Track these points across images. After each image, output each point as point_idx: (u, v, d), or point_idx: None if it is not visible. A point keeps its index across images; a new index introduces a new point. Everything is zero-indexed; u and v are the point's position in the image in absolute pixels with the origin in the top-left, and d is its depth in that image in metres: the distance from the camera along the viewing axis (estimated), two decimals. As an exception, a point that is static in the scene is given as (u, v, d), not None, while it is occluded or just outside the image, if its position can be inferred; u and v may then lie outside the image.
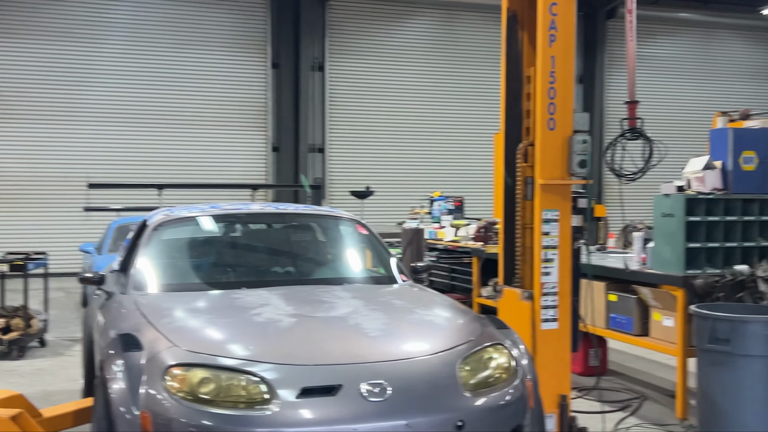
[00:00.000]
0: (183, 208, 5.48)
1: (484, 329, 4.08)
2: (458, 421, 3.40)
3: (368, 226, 5.53)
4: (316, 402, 3.34)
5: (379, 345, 3.77)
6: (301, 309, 4.16)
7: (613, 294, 6.78)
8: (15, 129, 16.45)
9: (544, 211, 5.35)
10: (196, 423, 3.24)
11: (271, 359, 3.50)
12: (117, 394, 3.44)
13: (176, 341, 3.63)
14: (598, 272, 6.29)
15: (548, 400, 5.30)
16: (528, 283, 5.46)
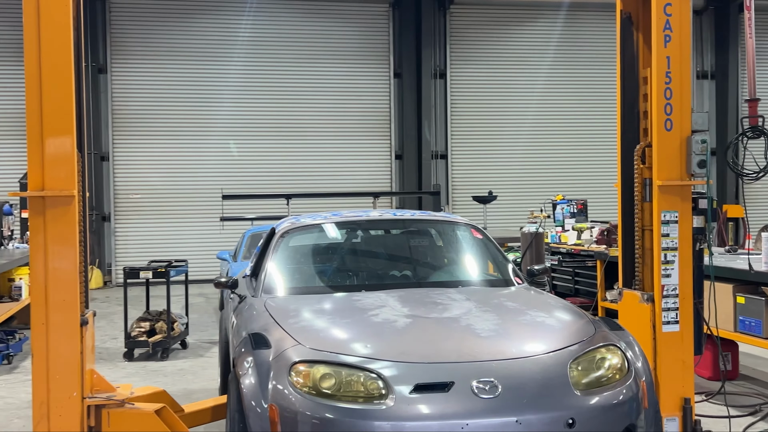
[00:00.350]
0: (307, 216, 5.79)
1: (597, 330, 4.13)
2: (569, 419, 3.49)
3: (483, 231, 5.66)
4: (429, 397, 3.51)
5: (490, 344, 3.90)
6: (416, 310, 4.35)
7: (741, 296, 6.63)
8: (157, 145, 17.46)
9: (663, 213, 5.33)
10: (318, 415, 3.47)
11: (387, 357, 3.70)
12: (248, 388, 3.72)
13: (301, 340, 3.89)
14: (721, 274, 6.17)
15: (671, 402, 5.28)
16: (648, 285, 5.44)
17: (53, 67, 4.59)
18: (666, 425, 5.29)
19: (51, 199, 4.60)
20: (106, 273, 17.20)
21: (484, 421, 3.44)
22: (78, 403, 4.64)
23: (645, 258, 5.49)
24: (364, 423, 3.41)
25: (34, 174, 4.60)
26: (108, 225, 17.38)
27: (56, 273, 4.60)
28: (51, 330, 4.60)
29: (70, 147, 4.63)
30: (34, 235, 4.62)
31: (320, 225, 5.62)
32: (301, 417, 3.49)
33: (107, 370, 8.39)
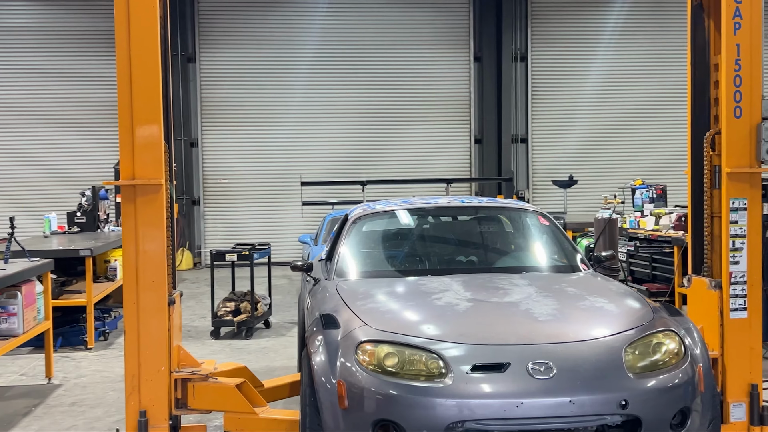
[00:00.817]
0: (379, 203, 6.02)
1: (655, 316, 4.24)
2: (622, 400, 3.63)
3: (550, 217, 5.79)
4: (485, 377, 3.71)
5: (547, 328, 4.06)
6: (478, 294, 4.54)
7: (818, 283, 6.55)
8: (242, 132, 18.00)
9: (732, 200, 5.35)
10: (382, 391, 3.71)
11: (448, 338, 3.91)
12: (318, 365, 3.99)
13: (367, 321, 4.14)
14: None
15: (738, 388, 5.33)
16: (716, 272, 5.48)
17: (142, 60, 4.92)
18: (732, 410, 5.34)
19: (141, 188, 4.96)
20: (195, 255, 17.88)
21: (538, 401, 3.61)
22: (166, 377, 5.00)
23: (714, 245, 5.52)
24: (424, 399, 3.63)
25: (125, 164, 4.97)
26: (197, 209, 18.04)
27: (146, 255, 4.97)
28: (141, 309, 4.97)
29: (158, 137, 4.98)
30: (126, 221, 4.99)
31: (391, 211, 5.84)
32: (366, 392, 3.74)
33: (195, 347, 8.84)
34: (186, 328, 10.08)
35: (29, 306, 6.69)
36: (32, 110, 17.37)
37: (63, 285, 9.38)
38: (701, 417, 3.95)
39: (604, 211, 7.98)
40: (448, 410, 3.60)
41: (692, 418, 3.85)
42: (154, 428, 4.97)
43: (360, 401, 3.75)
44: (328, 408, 3.85)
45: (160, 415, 4.99)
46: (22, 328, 6.47)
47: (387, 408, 3.69)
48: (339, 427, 3.81)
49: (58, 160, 17.33)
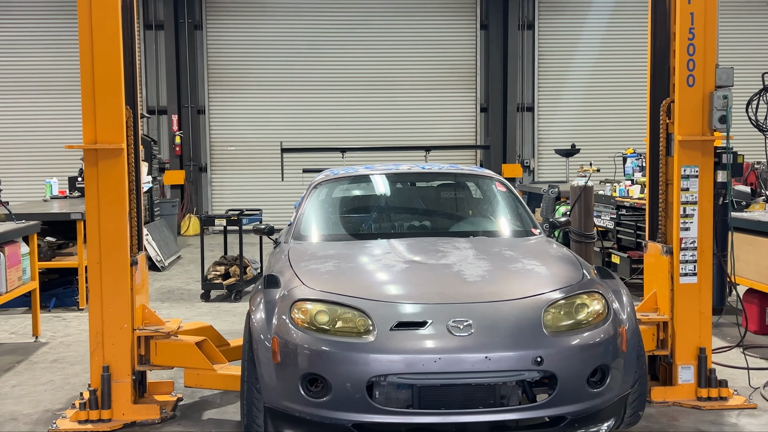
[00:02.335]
0: (343, 169, 6.17)
1: (584, 278, 4.36)
2: (537, 357, 3.77)
3: (507, 184, 5.91)
4: (407, 334, 3.86)
5: (472, 288, 4.21)
6: (417, 256, 4.69)
7: (781, 251, 6.63)
8: (249, 99, 18.16)
9: (683, 167, 5.45)
10: (311, 347, 3.88)
11: (375, 297, 4.08)
12: (257, 322, 4.17)
13: (306, 281, 4.31)
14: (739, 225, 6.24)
15: (687, 351, 5.47)
16: (670, 238, 5.58)
17: (102, 25, 5.05)
18: (681, 373, 5.49)
19: (102, 152, 5.14)
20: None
21: (455, 356, 3.77)
22: (128, 334, 5.22)
23: (668, 211, 5.62)
24: (348, 355, 3.80)
25: (87, 128, 5.14)
26: (205, 175, 18.29)
27: (108, 218, 5.15)
28: (104, 269, 5.18)
29: (119, 103, 5.13)
30: (89, 184, 5.18)
31: (351, 177, 6.00)
32: (296, 348, 3.91)
33: (184, 309, 9.10)
34: (179, 291, 10.34)
35: (13, 266, 6.93)
36: (37, 75, 17.62)
37: (59, 248, 9.64)
38: (623, 375, 4.09)
39: (580, 179, 8.05)
40: (369, 365, 3.77)
41: (612, 376, 3.99)
42: (117, 382, 5.20)
43: (291, 356, 3.93)
44: (263, 363, 4.04)
45: (123, 370, 5.21)
46: (4, 287, 6.72)
47: (314, 363, 3.87)
48: (272, 381, 4.00)
49: (60, 125, 17.55)
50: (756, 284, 7.11)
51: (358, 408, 3.79)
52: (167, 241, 13.15)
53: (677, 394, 5.48)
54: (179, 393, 5.69)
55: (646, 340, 5.48)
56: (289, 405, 3.95)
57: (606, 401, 3.99)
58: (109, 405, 5.18)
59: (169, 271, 12.13)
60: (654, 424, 5.07)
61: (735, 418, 5.17)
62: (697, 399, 5.44)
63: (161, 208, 14.10)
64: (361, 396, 3.77)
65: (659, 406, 5.39)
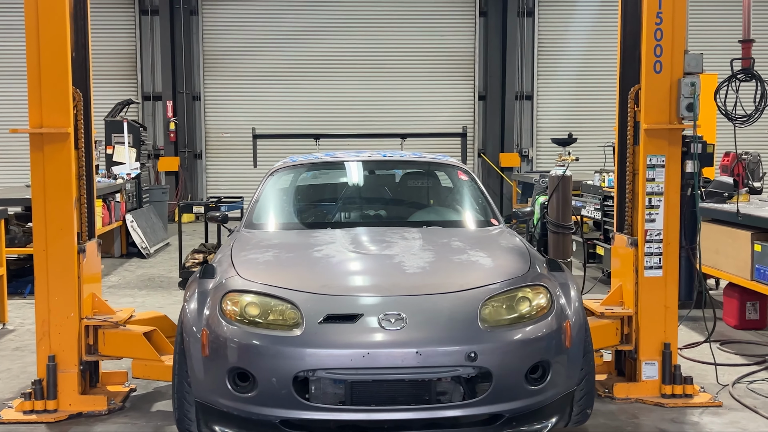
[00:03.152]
0: (302, 156, 6.01)
1: (530, 271, 4.19)
2: (471, 352, 3.61)
3: (470, 173, 5.73)
4: (336, 327, 3.72)
5: (410, 280, 4.05)
6: (360, 247, 4.54)
7: (759, 244, 6.44)
8: (245, 86, 18.02)
9: (649, 157, 5.27)
10: (237, 340, 3.74)
11: (308, 289, 3.93)
12: (190, 313, 4.04)
13: (240, 271, 4.17)
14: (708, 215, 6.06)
15: (651, 347, 5.31)
16: (635, 229, 5.41)
17: (49, 8, 4.92)
18: (645, 369, 5.32)
19: (48, 136, 5.00)
20: (197, 208, 18.05)
21: (384, 351, 3.61)
22: (75, 323, 5.10)
23: (634, 202, 5.45)
24: (274, 349, 3.66)
25: (33, 112, 5.00)
26: (200, 162, 18.18)
27: (54, 204, 5.02)
28: (50, 256, 5.05)
29: (65, 86, 4.99)
30: (35, 169, 5.04)
31: (307, 165, 5.84)
32: (223, 342, 3.77)
33: (160, 297, 8.99)
34: (160, 279, 10.23)
35: (-24, 252, 6.83)
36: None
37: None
38: (567, 372, 3.92)
39: (558, 168, 7.88)
40: (295, 360, 3.62)
41: (554, 373, 3.82)
42: (63, 372, 5.08)
43: (219, 350, 3.80)
44: (193, 356, 3.90)
45: (70, 360, 5.10)
46: (-35, 274, 6.62)
47: (240, 357, 3.73)
48: (201, 375, 3.87)
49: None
50: (735, 278, 6.92)
51: (286, 404, 3.65)
52: (155, 228, 13.05)
53: (641, 391, 5.31)
54: (133, 384, 5.57)
55: (609, 334, 5.33)
56: (217, 400, 3.82)
57: (548, 398, 3.84)
58: (55, 395, 5.06)
59: (154, 259, 12.02)
60: (613, 421, 4.91)
61: (697, 417, 5.01)
62: (661, 396, 5.28)
63: (150, 195, 13.98)
64: (287, 392, 3.63)
65: (621, 403, 5.23)
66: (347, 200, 5.62)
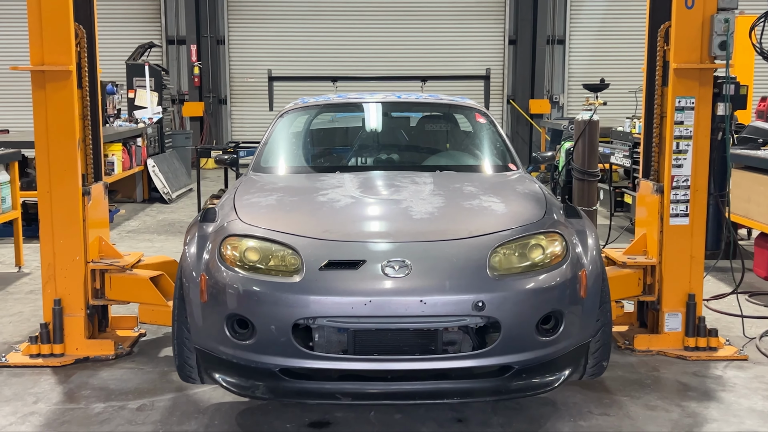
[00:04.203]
0: (314, 98, 5.79)
1: (545, 218, 3.97)
2: (478, 302, 3.43)
3: (488, 115, 5.48)
4: (337, 274, 3.53)
5: (416, 226, 3.85)
6: (368, 192, 4.33)
7: (792, 192, 6.15)
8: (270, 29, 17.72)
9: (678, 98, 4.99)
10: (236, 286, 3.59)
11: (309, 234, 3.74)
12: (188, 257, 3.89)
13: (241, 215, 3.99)
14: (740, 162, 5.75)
15: (675, 298, 5.10)
16: (662, 175, 5.15)
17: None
18: (667, 320, 5.12)
19: (50, 74, 4.84)
20: (223, 154, 17.93)
21: (387, 299, 3.43)
22: (81, 267, 4.99)
23: (661, 147, 5.18)
24: (273, 295, 3.49)
25: (34, 49, 4.84)
26: (224, 107, 18.01)
27: (57, 145, 4.88)
28: (54, 198, 4.93)
29: (67, 22, 4.81)
30: (37, 109, 4.89)
31: (319, 106, 5.62)
32: (222, 287, 3.61)
33: (178, 241, 8.88)
34: (180, 224, 10.15)
35: (-11, 195, 6.76)
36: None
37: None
38: (582, 323, 3.72)
39: (585, 113, 7.56)
40: (294, 307, 3.46)
41: (567, 324, 3.62)
42: (69, 316, 5.00)
43: (216, 296, 3.64)
44: (192, 301, 3.76)
45: (76, 304, 5.01)
46: (-23, 215, 6.55)
47: (239, 303, 3.57)
48: (200, 321, 3.73)
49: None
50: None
51: (285, 352, 3.50)
52: (177, 173, 12.95)
53: (662, 343, 5.12)
54: (143, 329, 5.49)
55: (631, 284, 5.13)
56: (216, 347, 3.68)
57: (560, 350, 3.65)
58: (61, 339, 4.99)
59: (176, 204, 11.95)
60: (632, 374, 4.73)
61: (721, 371, 4.80)
62: (683, 348, 5.08)
63: (173, 140, 13.87)
64: (287, 339, 3.48)
65: (642, 355, 5.04)
66: (358, 143, 5.39)
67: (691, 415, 4.14)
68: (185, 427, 4.01)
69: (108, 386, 4.58)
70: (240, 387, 3.65)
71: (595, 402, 4.27)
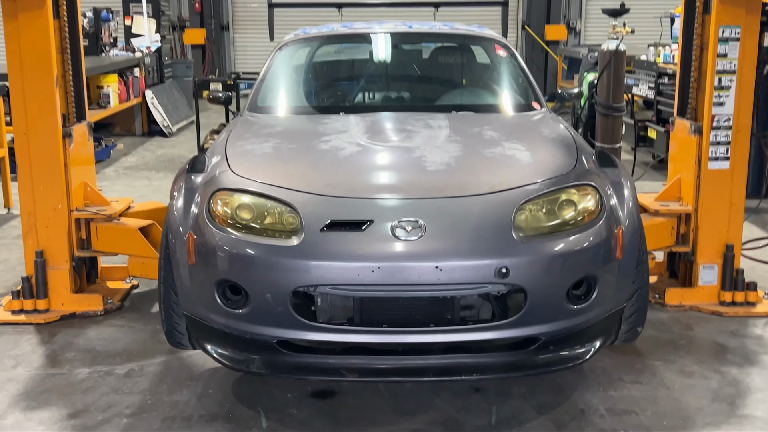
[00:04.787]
0: (316, 28, 5.26)
1: (576, 167, 3.50)
2: (502, 268, 3.00)
3: (509, 47, 4.94)
4: (340, 236, 3.10)
5: (431, 179, 3.39)
6: (376, 137, 3.84)
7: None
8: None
9: (722, 28, 4.46)
10: (227, 248, 3.17)
11: (309, 189, 3.29)
12: (176, 212, 3.46)
13: (233, 165, 3.54)
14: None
15: (711, 248, 4.69)
16: (700, 114, 4.67)
17: None
18: (702, 273, 4.72)
19: (22, 2, 4.35)
20: (226, 83, 17.34)
21: (398, 265, 3.01)
22: (64, 216, 4.59)
23: (701, 82, 4.68)
24: (268, 260, 3.07)
25: (4, -24, 4.34)
26: (227, 34, 17.32)
27: (32, 82, 4.42)
28: (31, 141, 4.49)
29: (38, -54, 4.30)
30: (9, 42, 4.40)
31: (321, 37, 5.08)
32: (211, 249, 3.19)
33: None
34: (180, 160, 9.70)
35: (-29, 133, 6.32)
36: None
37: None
38: (617, 287, 3.31)
39: (611, 42, 6.99)
40: (292, 273, 3.04)
41: (601, 289, 3.20)
42: (53, 269, 4.63)
43: (206, 258, 3.23)
44: (179, 263, 3.35)
45: (60, 255, 4.63)
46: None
47: (230, 267, 3.16)
48: (188, 285, 3.33)
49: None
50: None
51: (283, 323, 3.10)
52: (177, 105, 12.44)
53: (696, 297, 4.72)
54: (136, 280, 5.11)
55: (664, 234, 4.69)
56: (207, 314, 3.28)
57: (592, 319, 3.24)
58: (45, 294, 4.62)
59: (176, 138, 11.49)
60: (664, 333, 4.34)
61: (761, 329, 4.41)
62: (719, 303, 4.69)
63: (173, 70, 13.30)
64: (284, 309, 3.07)
65: (674, 311, 4.65)
66: (365, 80, 4.88)
67: (732, 383, 3.76)
68: (176, 397, 3.65)
69: (94, 347, 4.22)
70: (233, 360, 3.26)
71: (626, 368, 3.89)
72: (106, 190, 7.92)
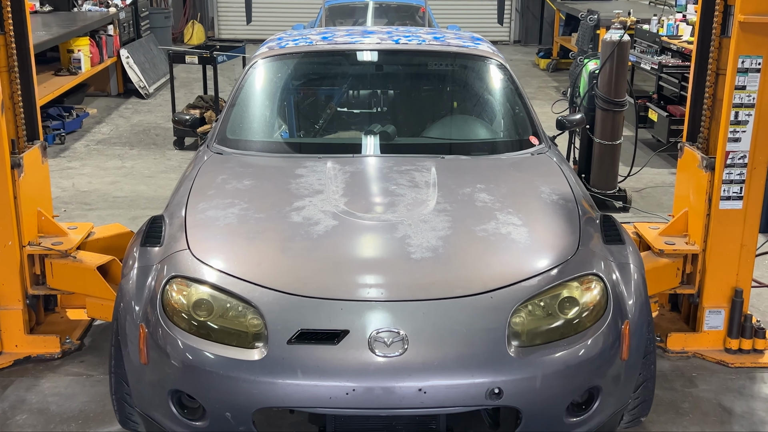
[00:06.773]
0: (293, 39, 4.71)
1: (579, 250, 3.08)
2: (495, 388, 2.64)
3: (506, 68, 4.45)
4: (310, 350, 2.71)
5: (415, 272, 2.96)
6: (355, 203, 3.37)
7: None
8: None
9: (742, 58, 4.01)
10: (180, 354, 2.78)
11: (276, 286, 2.87)
12: (127, 295, 3.04)
13: (192, 243, 3.09)
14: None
15: (718, 293, 4.35)
16: (713, 146, 4.26)
17: None
18: (708, 318, 4.39)
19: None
20: (208, 28, 16.64)
21: (376, 386, 2.63)
22: (15, 252, 4.18)
23: (714, 110, 4.26)
24: (227, 376, 2.68)
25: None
26: (210, -23, 16.54)
27: (-27, 109, 3.96)
28: (-24, 173, 4.05)
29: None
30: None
31: (299, 53, 4.50)
32: (164, 351, 2.80)
33: (151, 160, 8.04)
34: (155, 130, 9.24)
35: None
36: None
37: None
38: (621, 390, 2.96)
39: (614, 32, 6.49)
40: (255, 393, 2.67)
41: (604, 397, 2.86)
42: (5, 309, 4.25)
43: (158, 360, 2.85)
44: (130, 356, 2.96)
45: (12, 295, 4.24)
46: None
47: (184, 378, 2.79)
48: (140, 385, 2.95)
49: None
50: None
51: (247, 441, 2.75)
52: (155, 61, 11.83)
53: (701, 343, 4.40)
54: (98, 308, 4.73)
55: (668, 276, 4.35)
56: (162, 419, 2.92)
57: (592, 428, 2.91)
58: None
59: (154, 99, 10.95)
60: (666, 391, 4.02)
61: (770, 386, 4.10)
62: (725, 350, 4.37)
63: (151, 20, 12.61)
64: (246, 429, 2.72)
65: (676, 358, 4.34)
66: (347, 108, 4.40)
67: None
68: (134, 484, 3.33)
69: (48, 407, 3.87)
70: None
71: (626, 443, 3.58)
72: (75, 174, 7.57)
